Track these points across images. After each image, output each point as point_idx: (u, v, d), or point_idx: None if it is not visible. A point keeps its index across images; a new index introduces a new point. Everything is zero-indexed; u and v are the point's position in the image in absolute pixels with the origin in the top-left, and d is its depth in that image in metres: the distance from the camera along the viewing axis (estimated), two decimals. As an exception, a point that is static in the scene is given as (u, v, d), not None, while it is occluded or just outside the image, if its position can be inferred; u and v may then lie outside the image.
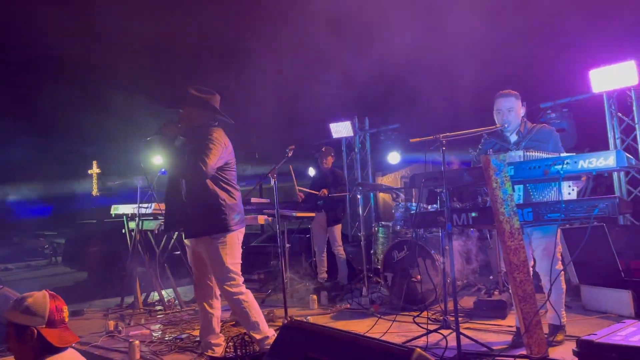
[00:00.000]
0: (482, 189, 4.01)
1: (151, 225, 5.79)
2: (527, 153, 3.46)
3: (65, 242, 12.27)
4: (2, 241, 15.45)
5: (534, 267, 3.65)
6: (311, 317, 4.96)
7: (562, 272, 3.59)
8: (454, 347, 3.39)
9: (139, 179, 5.52)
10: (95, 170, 18.56)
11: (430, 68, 7.47)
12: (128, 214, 6.04)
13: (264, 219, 5.46)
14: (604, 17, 6.63)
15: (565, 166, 2.88)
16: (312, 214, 6.55)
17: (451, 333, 3.74)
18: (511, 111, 3.68)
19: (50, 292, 2.18)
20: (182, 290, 6.22)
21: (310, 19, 7.19)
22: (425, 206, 5.53)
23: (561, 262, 3.62)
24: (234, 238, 3.52)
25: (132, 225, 5.97)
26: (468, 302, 5.01)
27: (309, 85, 8.09)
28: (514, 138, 3.75)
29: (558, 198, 3.27)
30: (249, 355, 3.60)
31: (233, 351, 3.70)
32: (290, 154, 4.71)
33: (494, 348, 3.62)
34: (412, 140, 3.40)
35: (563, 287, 3.61)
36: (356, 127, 9.59)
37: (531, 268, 3.62)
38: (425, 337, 3.82)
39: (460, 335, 3.39)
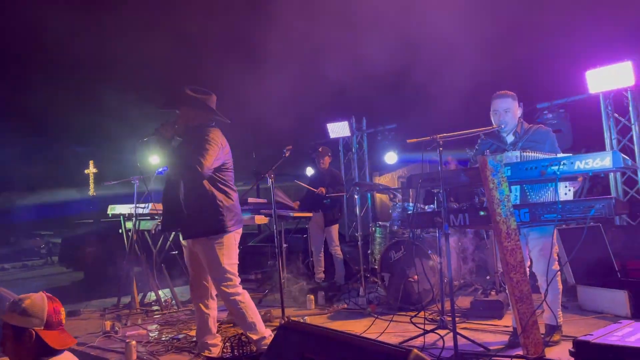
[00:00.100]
0: (479, 189, 4.02)
1: (148, 225, 5.79)
2: (524, 154, 3.47)
3: (61, 242, 12.25)
4: (-1, 241, 15.43)
5: (531, 268, 3.66)
6: (308, 317, 4.96)
7: (559, 273, 3.61)
8: (451, 347, 3.40)
9: (136, 179, 5.51)
10: (92, 170, 18.50)
11: (427, 68, 7.47)
12: (125, 214, 6.03)
13: (268, 220, 5.45)
14: (601, 18, 6.65)
15: (562, 167, 2.89)
16: (310, 214, 6.55)
17: (448, 333, 3.75)
18: (508, 112, 3.69)
19: (47, 294, 2.17)
20: (179, 290, 6.21)
21: (308, 19, 7.18)
22: (422, 206, 5.54)
23: (558, 263, 3.63)
24: (231, 239, 3.52)
25: (129, 225, 5.96)
26: (465, 302, 5.01)
27: (307, 85, 8.08)
28: (511, 139, 3.76)
29: (554, 198, 3.28)
30: (246, 355, 3.60)
31: (230, 351, 3.70)
32: (287, 154, 4.71)
33: (491, 348, 3.63)
34: (409, 140, 3.40)
35: (559, 288, 3.62)
36: (353, 127, 9.59)
37: (528, 268, 3.63)
38: (422, 337, 3.83)
39: (457, 335, 3.40)
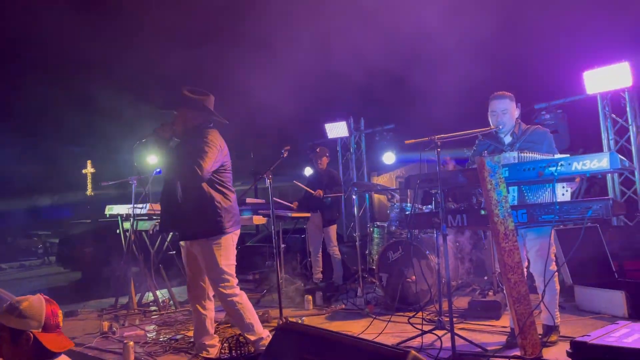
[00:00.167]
0: (477, 190, 4.03)
1: (146, 225, 5.77)
2: (522, 154, 3.47)
3: (59, 242, 12.22)
4: (-4, 241, 15.39)
5: (528, 268, 3.67)
6: (306, 318, 4.96)
7: (556, 273, 3.62)
8: (449, 348, 3.41)
9: (134, 180, 5.50)
10: (89, 169, 18.46)
11: (425, 69, 7.48)
12: (122, 215, 6.02)
13: (266, 220, 5.45)
14: (599, 19, 6.66)
15: (559, 168, 2.90)
16: (308, 215, 6.55)
17: (446, 334, 3.75)
18: (505, 113, 3.70)
19: (45, 297, 2.16)
20: (177, 290, 6.21)
21: (306, 19, 7.18)
22: (420, 207, 5.55)
23: (555, 263, 3.64)
24: (229, 240, 3.52)
25: (127, 225, 5.95)
26: (462, 303, 5.02)
27: (305, 85, 8.08)
28: (509, 139, 3.76)
29: (552, 199, 3.28)
30: (244, 356, 3.60)
31: (228, 352, 3.70)
32: (285, 155, 4.71)
33: (489, 349, 3.64)
34: (408, 142, 3.41)
35: (557, 288, 3.63)
36: (351, 128, 9.58)
37: (525, 269, 3.64)
38: (420, 338, 3.84)
39: (454, 336, 3.40)
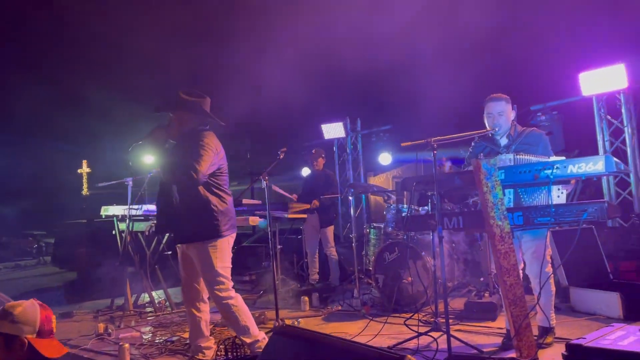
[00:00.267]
0: (474, 191, 4.03)
1: (142, 226, 5.75)
2: (518, 156, 3.49)
3: (54, 242, 12.18)
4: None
5: (524, 270, 3.68)
6: (302, 319, 4.96)
7: (552, 275, 3.63)
8: (445, 350, 3.41)
9: (129, 181, 5.48)
10: (85, 169, 18.41)
11: (422, 70, 7.49)
12: (118, 215, 6.00)
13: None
14: (594, 21, 6.69)
15: (555, 171, 2.91)
16: (304, 216, 6.55)
17: (442, 335, 3.76)
18: (502, 115, 3.71)
19: (38, 302, 2.14)
20: (173, 291, 6.19)
21: (304, 19, 7.18)
22: (416, 208, 5.55)
23: (550, 265, 3.65)
24: (225, 243, 3.51)
25: (123, 226, 5.93)
26: (459, 304, 5.03)
27: (302, 85, 8.08)
28: (505, 141, 3.77)
29: (547, 201, 3.29)
30: (240, 358, 3.59)
31: (224, 354, 3.70)
32: (282, 156, 4.71)
33: (485, 350, 3.65)
34: (404, 144, 3.41)
35: (552, 290, 3.65)
36: (348, 129, 9.59)
37: (521, 271, 3.65)
38: (416, 340, 3.84)
39: (450, 337, 3.41)
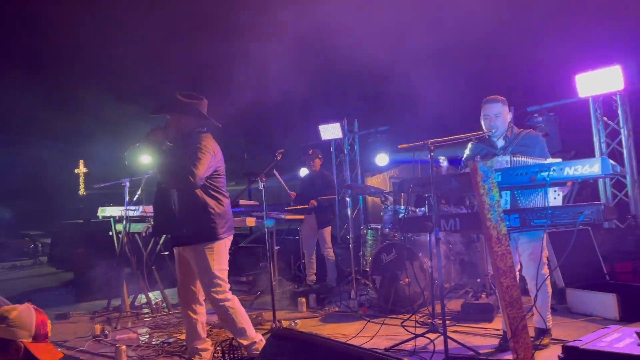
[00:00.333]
0: (470, 193, 4.04)
1: (139, 227, 5.74)
2: (514, 158, 3.49)
3: (51, 242, 12.12)
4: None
5: (521, 272, 3.69)
6: (300, 320, 4.96)
7: (548, 276, 3.64)
8: (442, 351, 3.42)
9: (126, 182, 5.47)
10: (82, 169, 18.34)
11: (419, 71, 7.50)
12: (115, 216, 5.98)
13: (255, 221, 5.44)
14: (590, 22, 6.71)
15: (551, 173, 2.91)
16: (302, 217, 6.55)
17: (438, 337, 3.77)
18: (498, 117, 3.72)
19: (33, 306, 2.13)
20: (170, 292, 6.18)
21: (301, 19, 7.18)
22: (413, 209, 5.56)
23: (547, 267, 3.66)
24: (222, 245, 3.51)
25: (119, 227, 5.92)
26: (456, 305, 5.04)
27: (299, 86, 8.09)
28: (501, 143, 3.79)
29: (544, 203, 3.30)
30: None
31: (221, 356, 3.70)
32: (279, 157, 4.70)
33: (481, 352, 3.66)
34: (401, 146, 3.42)
35: (549, 291, 3.66)
36: (345, 129, 9.60)
37: (518, 272, 3.66)
38: (412, 341, 3.85)
39: (447, 339, 3.41)
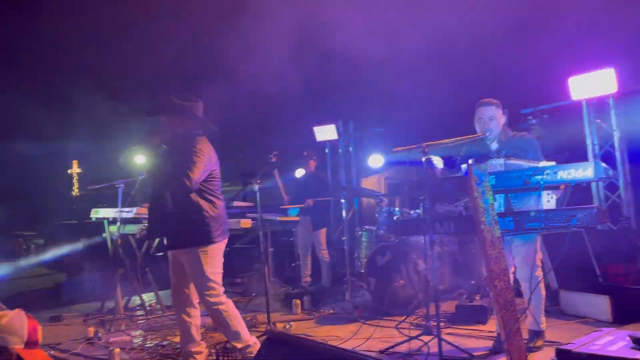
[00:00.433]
0: (464, 196, 4.06)
1: (133, 229, 5.71)
2: (508, 161, 3.51)
3: (44, 243, 12.05)
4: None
5: (514, 274, 3.71)
6: (294, 323, 4.95)
7: (542, 279, 3.66)
8: (436, 354, 3.43)
9: (121, 183, 5.44)
10: (75, 170, 18.24)
11: (414, 73, 7.52)
12: (109, 218, 5.95)
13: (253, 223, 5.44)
14: (584, 25, 6.75)
15: (545, 177, 2.93)
16: (296, 218, 6.55)
17: (433, 339, 3.78)
18: (492, 119, 3.74)
19: (24, 312, 2.11)
20: (164, 294, 6.15)
21: (298, 19, 7.18)
22: (407, 211, 5.57)
23: (541, 270, 3.68)
24: (216, 249, 3.50)
25: (113, 228, 5.89)
26: (450, 307, 5.06)
27: (296, 87, 8.08)
28: (495, 146, 3.81)
29: (537, 206, 3.33)
30: (232, 363, 3.59)
31: (215, 359, 3.69)
32: (274, 159, 4.70)
33: (475, 354, 3.67)
34: (395, 150, 3.43)
35: (542, 294, 3.68)
36: (340, 130, 9.59)
37: (512, 274, 3.68)
38: (407, 343, 3.86)
39: (441, 341, 3.42)
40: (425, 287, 4.46)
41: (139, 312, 5.81)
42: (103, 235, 6.15)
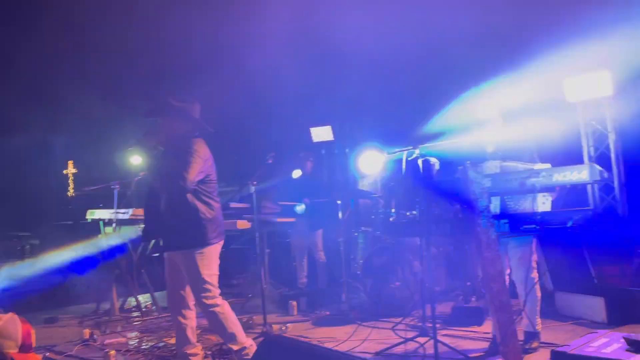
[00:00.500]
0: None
1: (128, 230, 5.69)
2: (504, 164, 3.53)
3: (39, 244, 11.99)
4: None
5: (510, 276, 3.72)
6: (291, 324, 4.95)
7: (537, 281, 3.68)
8: (432, 355, 3.44)
9: (116, 185, 5.43)
10: (70, 170, 18.17)
11: (412, 73, 7.53)
12: (105, 219, 5.93)
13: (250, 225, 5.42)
14: (580, 26, 6.77)
15: (540, 179, 2.94)
16: (293, 219, 6.54)
17: (428, 341, 3.79)
18: (488, 122, 3.76)
19: (18, 316, 2.09)
20: (160, 295, 6.14)
21: (296, 19, 7.18)
22: (403, 212, 5.57)
23: (536, 271, 3.70)
24: (212, 251, 3.49)
25: (109, 230, 5.86)
26: (446, 308, 5.07)
27: (293, 87, 8.08)
28: (491, 148, 3.82)
29: (533, 208, 3.36)
30: (228, 364, 3.58)
31: (211, 361, 3.69)
32: (270, 161, 4.70)
33: (471, 355, 3.68)
34: (390, 152, 3.44)
35: (538, 295, 3.70)
36: (337, 132, 9.59)
37: (507, 276, 3.69)
38: (403, 345, 3.86)
39: (437, 343, 3.43)
40: (421, 289, 4.46)
41: (135, 314, 5.79)
42: (99, 236, 6.12)
